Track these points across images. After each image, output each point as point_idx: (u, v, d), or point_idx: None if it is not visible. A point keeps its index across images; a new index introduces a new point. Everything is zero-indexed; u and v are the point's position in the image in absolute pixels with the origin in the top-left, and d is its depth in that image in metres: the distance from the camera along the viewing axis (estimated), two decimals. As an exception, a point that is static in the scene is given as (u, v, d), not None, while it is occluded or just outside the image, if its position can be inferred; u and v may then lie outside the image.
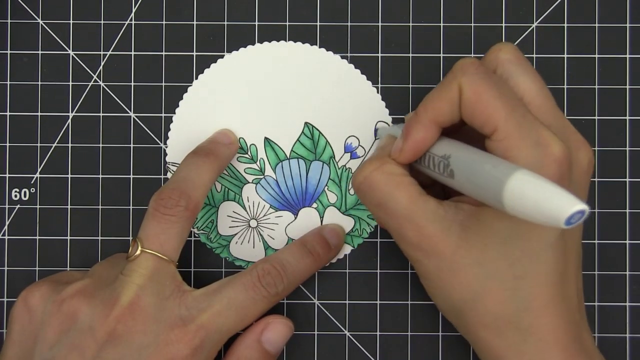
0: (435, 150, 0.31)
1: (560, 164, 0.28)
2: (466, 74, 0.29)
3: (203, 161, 0.35)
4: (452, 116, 0.30)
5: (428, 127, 0.30)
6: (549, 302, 0.30)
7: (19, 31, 0.38)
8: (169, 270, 0.33)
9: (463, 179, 0.28)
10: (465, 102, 0.29)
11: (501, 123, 0.28)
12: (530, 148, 0.28)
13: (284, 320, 0.35)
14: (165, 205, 0.33)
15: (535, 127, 0.29)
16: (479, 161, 0.27)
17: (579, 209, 0.23)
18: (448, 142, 0.30)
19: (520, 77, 0.31)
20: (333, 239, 0.37)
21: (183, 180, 0.34)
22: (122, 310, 0.31)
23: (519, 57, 0.32)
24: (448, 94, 0.30)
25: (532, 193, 0.24)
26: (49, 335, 0.32)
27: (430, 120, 0.30)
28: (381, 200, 0.31)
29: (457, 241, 0.30)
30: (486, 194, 0.26)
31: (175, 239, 0.33)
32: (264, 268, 0.34)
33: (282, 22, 0.38)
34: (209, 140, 0.37)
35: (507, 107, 0.28)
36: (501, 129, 0.28)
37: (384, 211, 0.31)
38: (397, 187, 0.31)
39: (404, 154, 0.31)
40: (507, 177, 0.25)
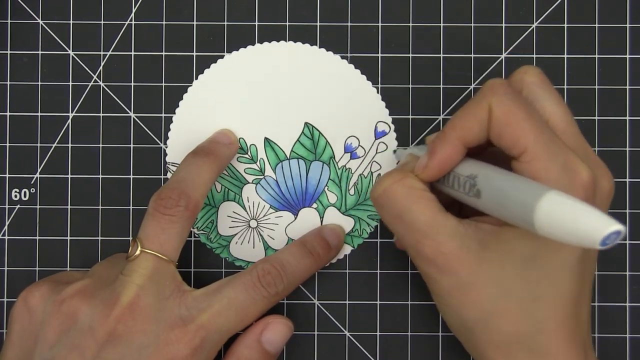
0: (460, 170, 0.30)
1: (586, 189, 0.28)
2: (496, 95, 0.29)
3: (203, 161, 0.35)
4: (480, 136, 0.30)
5: (455, 145, 0.30)
6: (563, 324, 0.29)
7: (19, 31, 0.38)
8: (168, 270, 0.33)
9: (490, 199, 0.28)
10: (494, 122, 0.29)
11: (530, 145, 0.28)
12: (558, 171, 0.28)
13: (283, 320, 0.35)
14: (165, 205, 0.33)
15: (563, 151, 0.29)
16: (508, 182, 0.27)
17: (616, 229, 0.23)
18: (474, 163, 0.30)
19: (545, 101, 0.31)
20: (333, 240, 0.37)
21: (183, 180, 0.34)
22: (122, 310, 0.31)
23: (544, 81, 0.32)
24: (477, 113, 0.30)
25: (566, 213, 0.24)
26: (49, 336, 0.32)
27: (458, 139, 0.30)
28: (400, 213, 0.31)
29: (475, 259, 0.29)
30: (515, 214, 0.26)
31: (175, 239, 0.33)
32: (264, 268, 0.34)
33: (282, 22, 0.38)
34: (208, 140, 0.37)
35: (536, 129, 0.29)
36: (530, 151, 0.28)
37: (403, 224, 0.31)
38: (418, 201, 0.30)
39: (428, 170, 0.31)
40: (539, 197, 0.25)
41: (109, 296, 0.32)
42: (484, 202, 0.29)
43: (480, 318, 0.30)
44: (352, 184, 0.38)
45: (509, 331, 0.29)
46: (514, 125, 0.29)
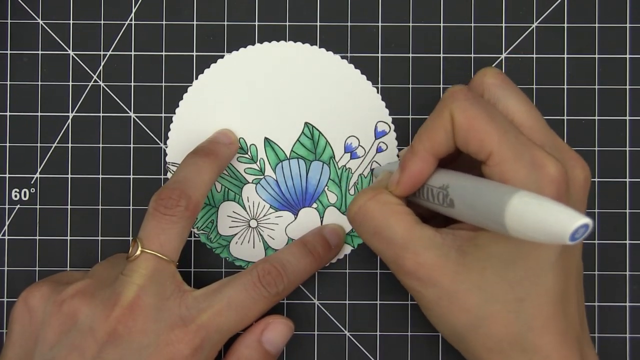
0: (432, 182, 0.31)
1: (557, 184, 0.28)
2: (456, 101, 0.29)
3: (203, 161, 0.35)
4: (448, 145, 0.30)
5: (424, 158, 0.30)
6: (551, 320, 0.29)
7: (19, 31, 0.38)
8: (169, 270, 0.33)
9: (463, 206, 0.28)
10: (457, 129, 0.29)
11: (495, 147, 0.28)
12: (526, 170, 0.28)
13: (284, 320, 0.35)
14: (165, 205, 0.33)
15: (529, 148, 0.29)
16: (478, 187, 0.27)
17: (582, 222, 0.23)
18: (445, 173, 0.30)
19: (508, 100, 0.31)
20: (333, 239, 0.37)
21: (183, 180, 0.34)
22: (122, 311, 0.31)
23: (505, 81, 0.32)
24: (440, 122, 0.30)
25: (534, 213, 0.24)
26: (50, 336, 0.32)
27: (426, 151, 0.30)
28: (377, 229, 0.31)
29: (455, 267, 0.29)
30: (487, 219, 0.26)
31: (176, 239, 0.33)
32: (264, 268, 0.34)
33: (282, 22, 0.38)
34: (209, 140, 0.37)
35: (499, 130, 0.28)
36: (495, 153, 0.28)
37: (380, 240, 0.31)
38: (393, 216, 0.30)
39: (401, 186, 0.31)
40: (507, 199, 0.25)
41: (109, 296, 0.32)
42: (457, 210, 0.29)
43: (469, 324, 0.30)
44: (352, 183, 0.38)
45: (499, 334, 0.29)
46: (476, 130, 0.29)
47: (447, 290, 0.30)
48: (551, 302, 0.29)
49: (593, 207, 0.38)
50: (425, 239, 0.30)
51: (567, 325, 0.30)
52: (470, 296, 0.29)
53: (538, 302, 0.29)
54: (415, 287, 0.30)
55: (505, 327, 0.29)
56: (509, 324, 0.29)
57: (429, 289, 0.30)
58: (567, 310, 0.30)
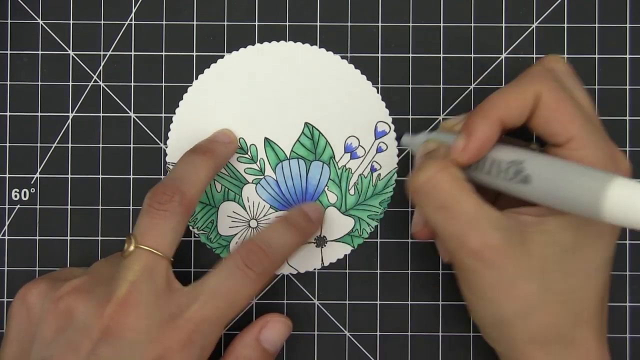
0: (499, 155, 0.29)
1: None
2: (545, 80, 0.29)
3: (200, 159, 0.34)
4: (519, 119, 0.29)
5: (494, 124, 0.29)
6: (594, 316, 0.30)
7: (19, 31, 0.38)
8: (161, 266, 0.32)
9: (543, 184, 0.27)
10: (543, 107, 0.29)
11: (577, 132, 0.28)
12: (604, 161, 0.28)
13: (282, 319, 0.35)
14: (159, 201, 0.32)
15: (606, 141, 0.29)
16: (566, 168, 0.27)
17: None
18: (514, 148, 0.29)
19: (575, 91, 0.31)
20: (313, 213, 0.36)
21: (178, 177, 0.33)
22: (114, 307, 0.31)
23: (572, 71, 0.32)
24: (523, 94, 0.29)
25: (637, 199, 0.24)
26: (47, 333, 0.32)
27: (498, 118, 0.29)
28: (445, 203, 0.29)
29: (518, 252, 0.29)
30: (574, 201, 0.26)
31: (170, 234, 0.32)
32: (246, 248, 0.33)
33: (282, 22, 0.38)
34: (207, 139, 0.37)
35: (584, 117, 0.29)
36: (577, 139, 0.28)
37: (447, 214, 0.30)
38: (463, 191, 0.29)
39: (467, 152, 0.30)
40: (607, 183, 0.25)
41: (103, 293, 0.32)
42: (533, 189, 0.28)
43: (520, 311, 0.29)
44: (352, 184, 0.38)
45: (548, 324, 0.29)
46: (563, 112, 0.29)
47: (507, 274, 0.29)
48: (598, 296, 0.30)
49: (593, 207, 0.38)
50: (493, 220, 0.29)
51: (603, 322, 0.31)
52: (528, 283, 0.29)
53: (588, 295, 0.29)
54: (474, 267, 0.29)
55: (555, 316, 0.29)
56: (558, 314, 0.29)
57: (488, 270, 0.29)
58: (604, 307, 0.31)
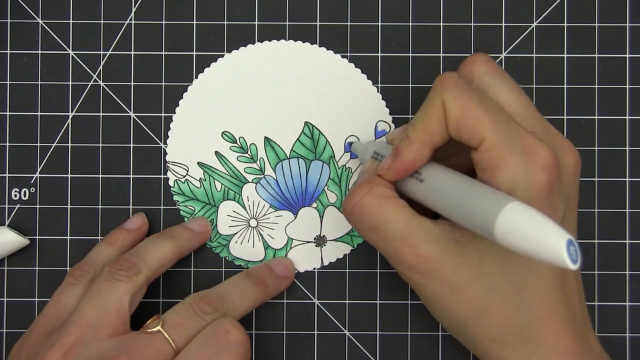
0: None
1: (549, 170, 0.28)
2: (447, 88, 0.29)
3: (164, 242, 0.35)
4: (442, 134, 0.30)
5: (418, 149, 0.30)
6: (552, 311, 0.29)
7: (19, 31, 0.38)
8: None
9: (448, 207, 0.28)
10: (449, 117, 0.29)
11: (487, 133, 0.28)
12: (517, 156, 0.28)
13: None
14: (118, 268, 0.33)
15: (521, 135, 0.28)
16: (467, 190, 0.27)
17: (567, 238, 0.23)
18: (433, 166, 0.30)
19: (497, 87, 0.31)
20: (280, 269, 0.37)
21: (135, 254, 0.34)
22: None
23: (494, 68, 0.32)
24: (433, 111, 0.29)
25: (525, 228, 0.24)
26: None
27: (421, 142, 0.30)
28: (375, 224, 0.30)
29: (455, 259, 0.29)
30: (476, 224, 0.26)
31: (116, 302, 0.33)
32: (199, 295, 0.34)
33: (282, 22, 0.38)
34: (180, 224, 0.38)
35: (491, 116, 0.28)
36: (487, 140, 0.28)
37: (379, 235, 0.31)
38: (391, 209, 0.30)
39: (391, 172, 0.31)
40: (499, 210, 0.25)
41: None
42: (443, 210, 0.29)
43: (471, 315, 0.30)
44: (352, 183, 0.38)
45: (500, 324, 0.29)
46: (468, 116, 0.28)
47: (448, 282, 0.30)
48: (552, 292, 0.29)
49: (593, 207, 0.38)
50: (424, 232, 0.30)
51: (569, 315, 0.30)
52: (471, 287, 0.29)
53: (538, 293, 0.29)
54: (416, 280, 0.30)
55: (505, 318, 0.29)
56: (509, 315, 0.29)
57: (429, 281, 0.30)
58: (569, 300, 0.30)
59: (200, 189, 0.38)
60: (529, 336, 0.29)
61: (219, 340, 0.31)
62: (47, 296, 0.36)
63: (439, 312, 0.31)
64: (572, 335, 0.30)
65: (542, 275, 0.29)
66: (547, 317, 0.29)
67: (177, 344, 0.31)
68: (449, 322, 0.31)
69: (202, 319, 0.32)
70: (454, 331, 0.32)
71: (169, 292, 0.38)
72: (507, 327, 0.29)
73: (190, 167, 0.38)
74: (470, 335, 0.31)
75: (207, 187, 0.38)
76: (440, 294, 0.30)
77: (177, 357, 0.31)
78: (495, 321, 0.30)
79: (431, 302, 0.31)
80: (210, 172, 0.38)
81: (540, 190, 0.28)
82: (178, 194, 0.38)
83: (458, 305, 0.30)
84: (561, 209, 0.29)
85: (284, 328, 0.38)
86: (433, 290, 0.30)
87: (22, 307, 0.38)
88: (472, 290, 0.29)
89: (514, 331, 0.29)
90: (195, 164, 0.38)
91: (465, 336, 0.31)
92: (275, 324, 0.38)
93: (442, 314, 0.31)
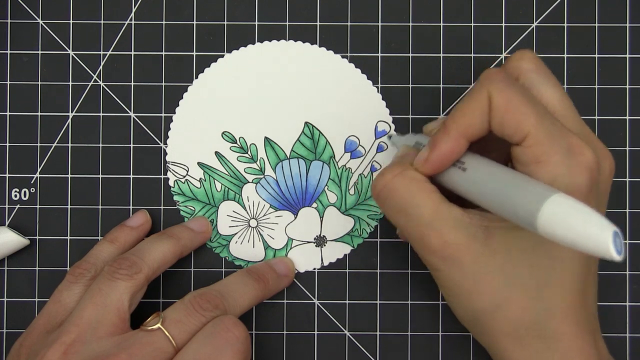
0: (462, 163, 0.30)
1: (591, 171, 0.28)
2: (494, 83, 0.29)
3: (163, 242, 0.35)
4: (482, 128, 0.30)
5: (456, 139, 0.30)
6: (571, 309, 0.29)
7: (19, 31, 0.38)
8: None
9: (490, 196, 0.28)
10: (495, 111, 0.29)
11: (532, 129, 0.28)
12: (561, 154, 0.28)
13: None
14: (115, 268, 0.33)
15: (565, 134, 0.29)
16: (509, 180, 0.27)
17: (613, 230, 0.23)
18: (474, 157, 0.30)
19: (542, 86, 0.31)
20: (280, 267, 0.37)
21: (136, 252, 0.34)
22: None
23: (540, 66, 0.32)
24: (477, 104, 0.29)
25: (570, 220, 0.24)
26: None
27: (459, 132, 0.30)
28: (403, 206, 0.30)
29: (481, 248, 0.29)
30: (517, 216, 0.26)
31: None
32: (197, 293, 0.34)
33: (282, 22, 0.38)
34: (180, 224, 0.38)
35: (536, 113, 0.28)
36: (532, 135, 0.28)
37: (406, 218, 0.30)
38: (420, 193, 0.30)
39: (428, 164, 0.30)
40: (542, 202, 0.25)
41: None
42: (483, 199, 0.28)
43: (489, 307, 0.30)
44: (352, 183, 0.38)
45: (517, 318, 0.29)
46: (514, 111, 0.28)
47: (470, 271, 0.29)
48: (573, 291, 0.29)
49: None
50: (452, 218, 0.29)
51: (585, 315, 0.30)
52: (493, 279, 0.29)
53: (560, 290, 0.29)
54: (439, 266, 0.30)
55: (524, 311, 0.29)
56: (528, 309, 0.29)
57: (452, 268, 0.30)
58: (586, 302, 0.30)
59: (200, 189, 0.38)
60: (544, 332, 0.29)
61: (219, 338, 0.31)
62: (47, 296, 0.36)
63: (456, 301, 0.31)
64: (585, 336, 0.30)
65: (566, 273, 0.29)
66: (564, 315, 0.29)
67: (178, 342, 0.31)
68: (466, 313, 0.31)
69: (202, 316, 0.32)
70: (469, 324, 0.32)
71: (169, 292, 0.38)
72: (523, 321, 0.29)
73: (190, 167, 0.38)
74: (485, 328, 0.30)
75: (207, 187, 0.38)
76: (461, 282, 0.30)
77: (178, 355, 0.31)
78: (512, 315, 0.29)
79: (450, 290, 0.31)
80: (210, 172, 0.38)
81: (580, 190, 0.28)
82: (178, 194, 0.38)
83: (477, 296, 0.30)
84: None
85: (284, 328, 0.38)
86: (454, 277, 0.30)
87: (22, 307, 0.38)
88: (494, 282, 0.29)
89: (530, 327, 0.29)
90: (195, 164, 0.38)
91: (479, 329, 0.31)
92: (275, 324, 0.38)
93: (460, 304, 0.31)
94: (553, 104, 0.31)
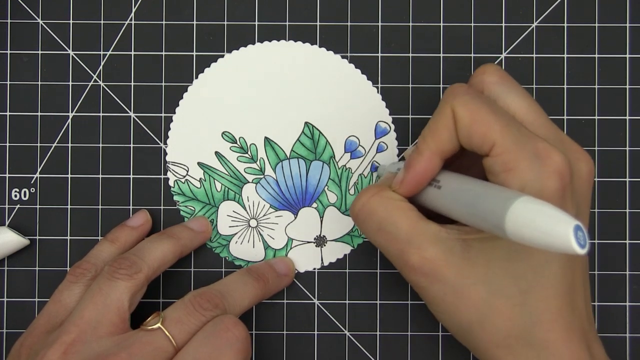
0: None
1: (560, 174, 0.28)
2: (457, 96, 0.29)
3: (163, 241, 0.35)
4: (452, 144, 0.30)
5: (429, 158, 0.30)
6: (558, 314, 0.29)
7: (19, 31, 0.38)
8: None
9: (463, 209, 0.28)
10: (460, 124, 0.29)
11: (498, 138, 0.28)
12: (528, 160, 0.28)
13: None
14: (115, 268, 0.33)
15: (532, 139, 0.29)
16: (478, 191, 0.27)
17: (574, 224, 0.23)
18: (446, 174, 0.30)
19: (508, 96, 0.31)
20: (280, 266, 0.37)
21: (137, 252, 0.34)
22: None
23: (504, 77, 0.32)
24: (443, 120, 0.30)
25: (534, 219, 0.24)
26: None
27: (431, 151, 0.30)
28: (381, 225, 0.31)
29: (460, 261, 0.29)
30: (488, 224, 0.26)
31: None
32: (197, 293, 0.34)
33: (282, 22, 0.38)
34: (181, 224, 0.38)
35: (501, 122, 0.28)
36: (498, 144, 0.28)
37: (384, 236, 0.31)
38: (397, 211, 0.30)
39: (404, 185, 0.31)
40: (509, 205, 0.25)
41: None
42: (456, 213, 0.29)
43: (475, 319, 0.30)
44: (352, 183, 0.38)
45: (505, 328, 0.29)
46: (479, 122, 0.29)
47: (452, 285, 0.29)
48: (558, 295, 0.29)
49: (593, 207, 0.38)
50: (430, 234, 0.30)
51: (575, 319, 0.30)
52: (475, 290, 0.29)
53: (544, 296, 0.29)
54: (420, 282, 0.30)
55: (510, 321, 0.29)
56: (514, 318, 0.29)
57: (434, 284, 0.30)
58: (575, 304, 0.30)
59: (200, 189, 0.38)
60: (533, 340, 0.29)
61: (219, 338, 0.31)
62: (47, 296, 0.36)
63: (443, 316, 0.31)
64: (577, 340, 0.30)
65: (548, 277, 0.29)
66: (552, 321, 0.29)
67: (178, 341, 0.31)
68: (454, 327, 0.31)
69: (202, 315, 0.32)
70: (458, 336, 0.32)
71: (169, 292, 0.38)
72: (511, 330, 0.29)
73: (190, 167, 0.38)
74: (474, 340, 0.30)
75: (207, 187, 0.38)
76: (444, 297, 0.30)
77: (178, 354, 0.31)
78: (500, 325, 0.29)
79: (435, 306, 0.31)
80: (210, 172, 0.38)
81: (552, 194, 0.28)
82: (178, 194, 0.38)
83: (462, 309, 0.30)
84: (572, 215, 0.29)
85: (284, 328, 0.38)
86: (437, 294, 0.30)
87: (22, 307, 0.38)
88: (477, 294, 0.29)
89: (518, 335, 0.29)
90: (195, 164, 0.38)
91: (470, 341, 0.31)
92: (275, 324, 0.38)
93: (447, 319, 0.31)
94: (521, 112, 0.31)
